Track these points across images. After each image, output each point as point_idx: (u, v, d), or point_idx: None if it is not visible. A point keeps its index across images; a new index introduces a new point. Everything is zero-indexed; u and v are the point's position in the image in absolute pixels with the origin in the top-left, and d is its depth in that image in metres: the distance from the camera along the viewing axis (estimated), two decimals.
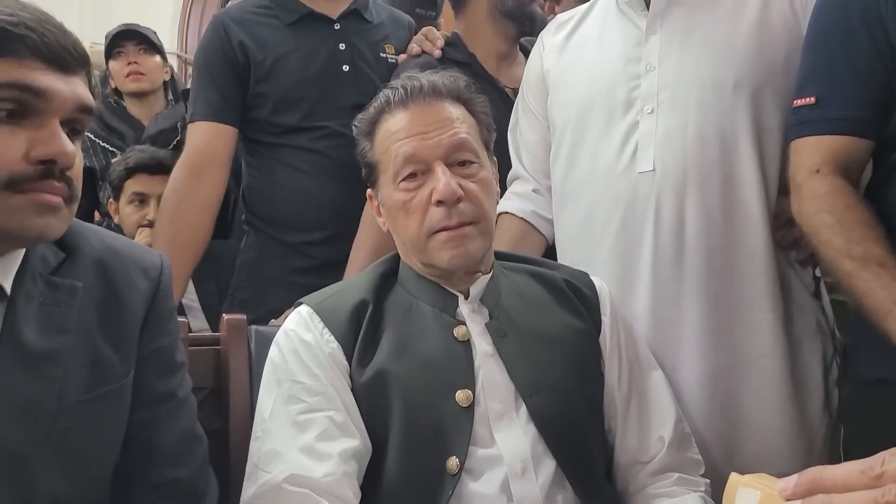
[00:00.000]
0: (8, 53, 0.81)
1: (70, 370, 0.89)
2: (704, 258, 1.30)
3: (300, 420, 1.05)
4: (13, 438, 0.84)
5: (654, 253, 1.33)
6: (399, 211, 1.15)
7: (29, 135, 0.83)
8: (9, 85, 0.81)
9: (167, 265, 1.04)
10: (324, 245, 1.73)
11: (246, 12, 1.79)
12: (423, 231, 1.12)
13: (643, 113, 1.36)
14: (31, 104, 0.83)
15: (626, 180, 1.35)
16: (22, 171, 0.82)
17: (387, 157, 1.15)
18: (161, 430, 0.98)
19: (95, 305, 0.94)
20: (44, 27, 0.84)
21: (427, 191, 1.12)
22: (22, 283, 0.88)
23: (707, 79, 1.32)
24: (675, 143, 1.32)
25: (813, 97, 1.18)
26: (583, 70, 1.47)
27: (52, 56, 0.84)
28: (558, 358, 1.14)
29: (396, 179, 1.14)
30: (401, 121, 1.15)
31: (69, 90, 0.86)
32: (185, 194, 1.70)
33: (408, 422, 1.06)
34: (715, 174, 1.30)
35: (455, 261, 1.13)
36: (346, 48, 1.77)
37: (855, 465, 0.53)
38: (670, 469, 1.16)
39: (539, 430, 1.09)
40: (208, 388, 1.28)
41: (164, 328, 1.01)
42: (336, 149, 1.71)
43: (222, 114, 1.73)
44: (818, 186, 1.16)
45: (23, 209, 0.83)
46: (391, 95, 1.18)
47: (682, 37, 1.36)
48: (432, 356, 1.11)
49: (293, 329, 1.13)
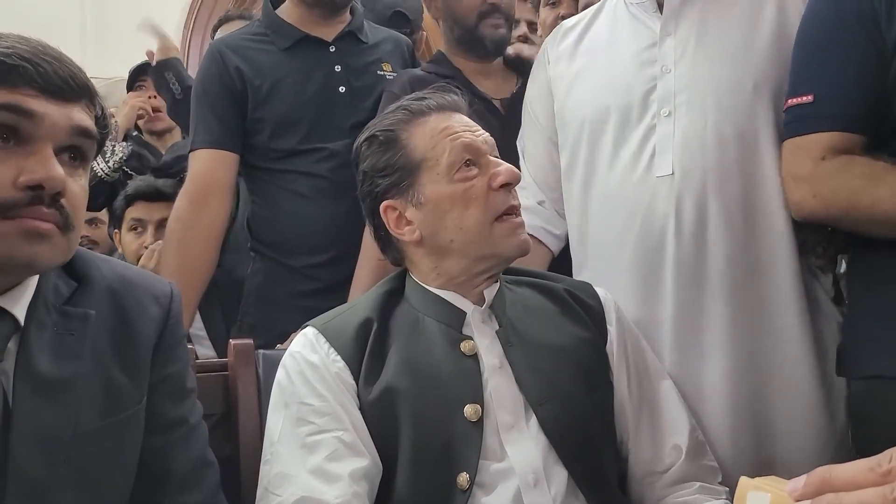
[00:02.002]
0: (3, 83, 0.83)
1: (85, 398, 0.90)
2: (727, 263, 1.28)
3: (309, 442, 1.05)
4: (32, 466, 0.84)
5: (675, 259, 1.30)
6: (456, 202, 1.14)
7: (19, 160, 0.83)
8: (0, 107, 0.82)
9: (177, 293, 1.05)
10: (329, 267, 1.74)
11: (241, 39, 1.82)
12: (489, 216, 1.14)
13: (660, 116, 1.34)
14: (23, 128, 0.84)
15: (645, 186, 1.33)
16: (10, 196, 0.82)
17: (438, 150, 1.15)
18: (173, 456, 0.98)
19: (108, 333, 0.95)
20: (39, 58, 0.85)
21: (485, 179, 1.14)
22: (35, 313, 0.89)
23: (725, 80, 1.31)
24: (694, 146, 1.30)
25: (810, 95, 1.18)
26: (595, 75, 1.45)
27: (47, 84, 0.85)
28: (565, 368, 1.14)
29: (452, 170, 1.14)
30: (444, 120, 1.18)
31: (62, 114, 0.86)
32: (189, 223, 1.71)
33: (416, 439, 1.06)
34: (735, 177, 1.29)
35: (524, 246, 1.17)
36: (341, 70, 1.79)
37: (863, 462, 0.53)
38: (690, 478, 1.15)
39: (550, 440, 1.08)
40: (218, 414, 1.28)
41: (175, 355, 1.02)
42: (336, 170, 1.72)
43: (223, 141, 1.74)
44: (831, 166, 1.15)
45: (11, 236, 0.83)
46: (428, 103, 1.20)
47: (697, 38, 1.35)
48: (440, 372, 1.10)
49: (299, 351, 1.13)
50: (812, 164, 1.17)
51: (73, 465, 0.87)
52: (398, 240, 1.19)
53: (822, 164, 1.15)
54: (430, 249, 1.17)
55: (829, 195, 1.15)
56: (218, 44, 1.84)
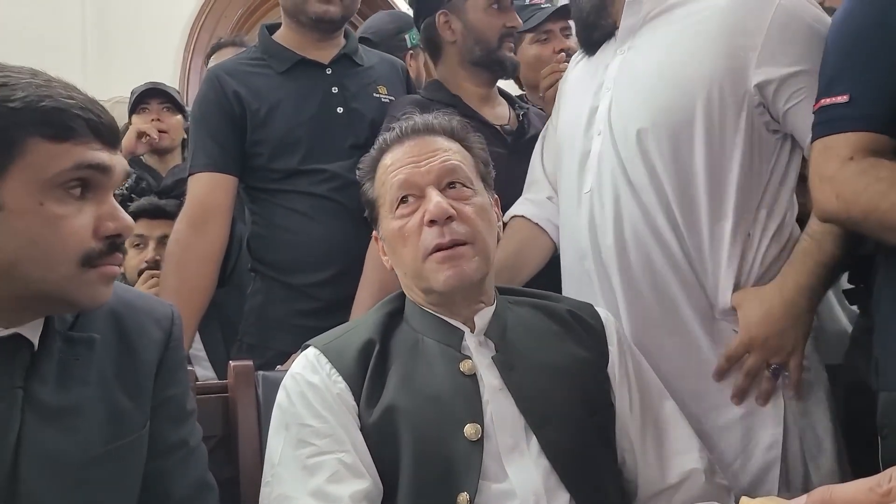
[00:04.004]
0: (72, 136, 0.86)
1: (92, 423, 0.91)
2: (643, 271, 1.33)
3: (310, 464, 1.04)
4: (43, 491, 0.86)
5: (597, 271, 1.37)
6: (397, 239, 1.17)
7: (93, 211, 0.89)
8: (80, 166, 0.86)
9: (178, 315, 1.06)
10: (329, 286, 1.74)
11: (239, 64, 1.84)
12: (420, 254, 1.14)
13: (594, 136, 1.40)
14: (96, 181, 0.88)
15: (578, 202, 1.41)
16: (94, 247, 0.88)
17: (384, 189, 1.19)
18: (174, 479, 0.99)
19: (111, 357, 0.96)
20: (93, 106, 0.89)
21: (420, 215, 1.15)
22: (45, 340, 0.91)
23: (626, 117, 1.35)
24: (607, 164, 1.36)
25: (846, 95, 1.17)
26: (567, 99, 1.54)
27: (108, 135, 0.89)
28: (566, 389, 1.14)
29: (392, 208, 1.17)
30: (396, 154, 1.20)
31: (120, 162, 0.91)
32: (187, 246, 1.71)
33: (417, 458, 1.06)
34: (645, 196, 1.33)
35: (451, 281, 1.13)
36: (338, 91, 1.81)
37: (864, 482, 0.53)
38: (710, 498, 1.15)
39: (551, 462, 1.08)
40: (217, 436, 1.27)
41: (176, 377, 1.03)
42: (336, 191, 1.73)
43: (221, 164, 1.75)
44: (856, 167, 1.14)
45: (96, 282, 0.89)
46: (388, 137, 1.23)
47: (631, 63, 1.39)
48: (439, 391, 1.10)
49: (300, 372, 1.13)
50: (838, 165, 1.15)
51: (81, 489, 0.89)
52: None
53: (849, 165, 1.14)
54: (401, 277, 1.22)
55: (852, 197, 1.13)
56: (216, 69, 1.85)
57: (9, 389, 0.86)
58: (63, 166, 0.85)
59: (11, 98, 0.83)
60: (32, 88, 0.85)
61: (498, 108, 1.86)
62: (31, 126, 0.83)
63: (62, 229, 0.85)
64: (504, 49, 1.81)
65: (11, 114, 0.83)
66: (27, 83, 0.85)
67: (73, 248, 0.86)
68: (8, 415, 0.85)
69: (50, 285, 0.86)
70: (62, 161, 0.85)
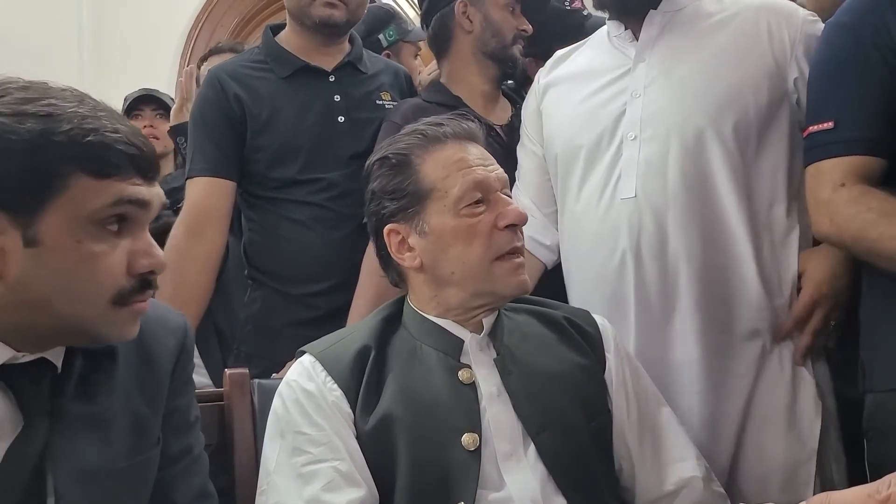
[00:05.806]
0: (116, 173, 0.83)
1: (120, 433, 0.91)
2: (689, 284, 1.33)
3: (305, 472, 1.04)
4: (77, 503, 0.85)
5: (637, 279, 1.36)
6: (460, 236, 1.14)
7: (128, 245, 0.86)
8: (121, 202, 0.84)
9: (190, 326, 1.06)
10: (327, 295, 1.73)
11: (241, 66, 1.81)
12: (490, 255, 1.13)
13: (627, 140, 1.38)
14: (134, 216, 0.86)
15: (610, 209, 1.39)
16: (127, 285, 0.86)
17: (449, 182, 1.15)
18: (177, 488, 0.99)
19: (132, 367, 0.95)
20: (136, 139, 0.86)
21: (491, 216, 1.14)
22: (68, 359, 0.90)
23: (682, 118, 1.36)
24: (657, 172, 1.35)
25: (830, 122, 1.22)
26: (572, 103, 1.51)
27: (147, 169, 0.87)
28: (564, 395, 1.14)
29: (459, 205, 1.14)
30: (458, 151, 1.17)
31: (158, 197, 0.89)
32: (185, 251, 1.70)
33: (414, 468, 1.05)
34: (697, 206, 1.34)
35: (522, 287, 1.16)
36: (341, 99, 1.79)
37: (862, 489, 0.53)
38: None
39: (548, 468, 1.08)
40: (213, 444, 1.26)
41: (185, 387, 1.03)
42: (335, 200, 1.72)
43: (220, 168, 1.74)
44: (848, 194, 1.19)
45: (126, 320, 0.88)
46: (446, 129, 1.19)
47: (669, 67, 1.40)
48: (437, 400, 1.10)
49: (295, 379, 1.12)
50: (831, 190, 1.21)
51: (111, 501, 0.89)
52: (399, 263, 1.19)
53: (841, 192, 1.19)
54: (430, 277, 1.17)
55: (844, 223, 1.19)
56: (217, 70, 1.83)
57: (38, 415, 0.85)
58: (104, 202, 0.82)
59: (56, 131, 0.80)
60: (77, 120, 0.81)
61: (499, 109, 1.85)
62: (74, 161, 0.81)
63: (97, 268, 0.83)
64: (515, 49, 1.81)
65: (55, 148, 0.80)
66: (73, 113, 0.81)
67: (106, 288, 0.84)
68: (38, 437, 0.84)
69: (80, 321, 0.85)
70: (103, 197, 0.82)
